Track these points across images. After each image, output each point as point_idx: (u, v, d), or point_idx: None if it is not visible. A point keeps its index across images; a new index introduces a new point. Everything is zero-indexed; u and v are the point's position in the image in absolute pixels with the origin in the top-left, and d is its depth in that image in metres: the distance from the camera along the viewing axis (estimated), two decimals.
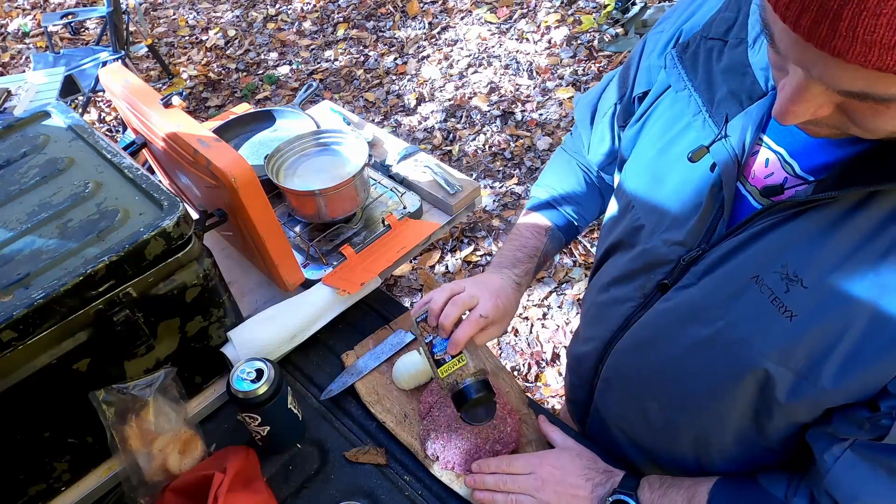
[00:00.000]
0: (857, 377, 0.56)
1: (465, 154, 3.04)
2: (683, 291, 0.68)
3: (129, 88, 1.03)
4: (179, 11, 4.61)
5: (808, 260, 0.57)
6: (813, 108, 0.48)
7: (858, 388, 0.57)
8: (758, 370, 0.62)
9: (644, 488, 0.78)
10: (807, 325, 0.57)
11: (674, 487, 0.76)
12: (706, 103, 0.67)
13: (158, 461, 0.87)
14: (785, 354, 0.59)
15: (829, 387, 0.58)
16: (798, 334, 0.58)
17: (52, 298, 0.73)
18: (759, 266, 0.60)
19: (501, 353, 2.22)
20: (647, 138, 0.77)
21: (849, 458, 0.60)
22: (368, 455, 0.94)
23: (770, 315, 0.59)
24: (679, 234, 0.69)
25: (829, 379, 0.57)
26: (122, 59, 3.15)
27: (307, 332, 1.06)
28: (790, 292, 0.58)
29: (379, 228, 1.20)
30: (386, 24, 4.10)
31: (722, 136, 0.64)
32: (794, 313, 0.58)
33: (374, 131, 1.43)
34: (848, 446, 0.60)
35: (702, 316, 0.66)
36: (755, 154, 0.64)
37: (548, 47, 3.58)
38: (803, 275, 0.57)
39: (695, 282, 0.67)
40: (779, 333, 0.59)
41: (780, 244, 0.59)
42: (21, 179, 0.90)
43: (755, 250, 0.61)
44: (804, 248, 0.57)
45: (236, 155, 0.90)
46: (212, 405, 1.01)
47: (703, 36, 0.69)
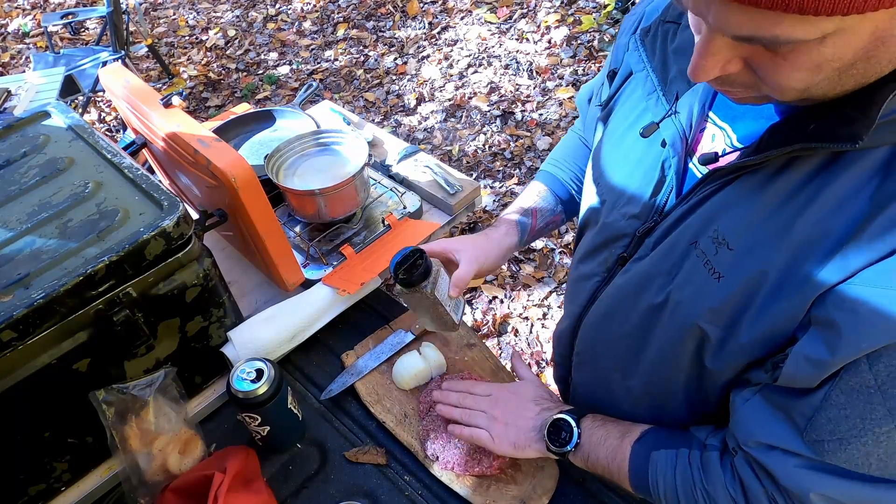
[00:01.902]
0: (767, 328, 0.59)
1: (465, 154, 3.04)
2: (638, 263, 0.73)
3: (129, 88, 1.03)
4: (179, 11, 4.61)
5: (735, 223, 0.60)
6: (720, 62, 0.50)
7: (769, 338, 0.59)
8: (694, 330, 0.65)
9: (587, 418, 0.83)
10: (731, 285, 0.60)
11: (613, 423, 0.81)
12: (661, 82, 0.71)
13: (158, 461, 0.87)
14: (715, 314, 0.63)
15: (744, 341, 0.61)
16: (724, 294, 0.61)
17: (52, 298, 0.73)
18: (697, 232, 0.64)
19: (501, 353, 2.22)
20: (615, 119, 0.82)
21: (756, 401, 0.63)
22: (368, 455, 0.94)
23: (703, 277, 0.63)
24: (635, 207, 0.74)
25: (744, 332, 0.61)
26: (122, 59, 3.15)
27: (307, 332, 1.06)
28: (718, 255, 0.61)
29: (379, 228, 1.20)
30: (386, 24, 4.10)
31: (672, 112, 0.68)
32: (721, 274, 0.61)
33: (374, 131, 1.43)
34: (757, 390, 0.63)
35: (652, 284, 0.70)
36: (703, 130, 0.68)
37: (548, 47, 3.58)
38: (729, 238, 0.61)
39: (648, 253, 0.71)
40: (709, 294, 0.62)
41: (714, 210, 0.63)
42: (21, 179, 0.90)
43: (694, 218, 0.65)
44: (733, 212, 0.61)
45: (236, 155, 0.90)
46: (212, 405, 1.01)
47: (661, 19, 0.73)
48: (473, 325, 2.30)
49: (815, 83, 0.48)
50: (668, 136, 0.68)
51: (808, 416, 0.58)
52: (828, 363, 0.54)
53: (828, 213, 0.54)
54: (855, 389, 0.54)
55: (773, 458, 0.62)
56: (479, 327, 2.28)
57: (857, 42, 0.44)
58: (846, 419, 0.55)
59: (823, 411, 0.56)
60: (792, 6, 0.40)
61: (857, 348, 0.52)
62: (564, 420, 0.82)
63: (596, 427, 0.81)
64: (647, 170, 0.72)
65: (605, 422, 0.81)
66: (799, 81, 0.48)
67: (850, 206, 0.53)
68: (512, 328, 2.29)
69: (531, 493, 0.88)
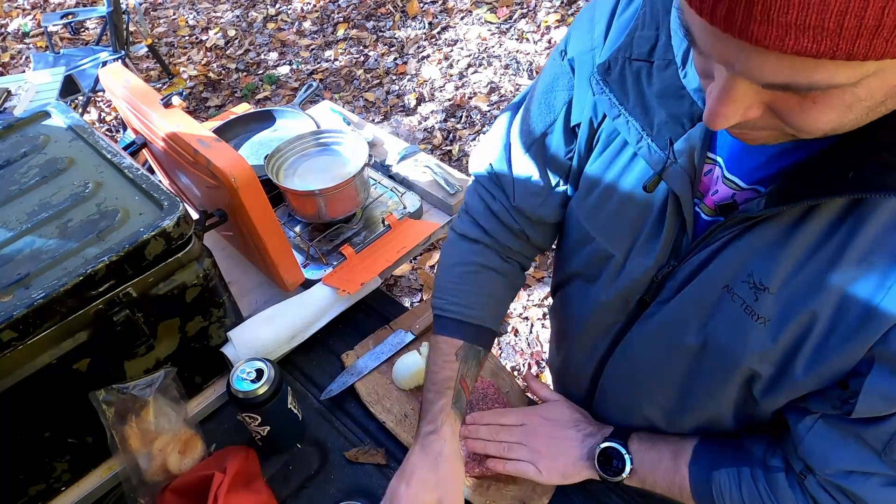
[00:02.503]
0: (824, 366, 0.59)
1: (465, 154, 3.04)
2: (664, 305, 0.71)
3: (129, 88, 1.03)
4: (179, 11, 4.61)
5: (770, 268, 0.60)
6: (742, 108, 0.47)
7: (826, 375, 0.60)
8: (742, 370, 0.65)
9: (633, 440, 0.81)
10: (779, 328, 0.60)
11: (661, 441, 0.80)
12: (646, 128, 0.65)
13: (158, 461, 0.87)
14: (764, 356, 0.63)
15: (801, 378, 0.61)
16: (773, 337, 0.61)
17: (52, 298, 0.73)
18: (728, 277, 0.63)
19: (501, 353, 2.22)
20: (595, 170, 0.75)
21: (820, 427, 0.64)
22: (368, 455, 0.94)
23: (746, 323, 0.62)
24: (650, 257, 0.71)
25: (800, 371, 0.61)
26: (122, 59, 3.15)
27: (307, 332, 1.06)
28: (759, 301, 0.61)
29: (379, 228, 1.20)
30: (386, 24, 4.10)
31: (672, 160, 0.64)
32: (766, 319, 0.61)
33: (374, 131, 1.43)
34: (818, 417, 0.64)
35: (687, 327, 0.69)
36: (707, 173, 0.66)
37: (548, 47, 3.58)
38: (769, 283, 0.60)
39: (672, 295, 0.70)
40: (756, 339, 0.62)
41: (743, 255, 0.62)
42: (21, 179, 0.90)
43: (721, 262, 0.64)
44: (765, 257, 0.60)
45: (236, 155, 0.90)
46: (212, 405, 1.01)
47: (625, 57, 0.66)
48: None
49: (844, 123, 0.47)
50: (676, 186, 0.65)
51: (884, 440, 0.59)
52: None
53: (869, 255, 0.54)
54: None
55: (855, 481, 0.63)
56: None
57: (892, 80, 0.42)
58: None
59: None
60: (840, 52, 0.37)
61: None
62: (613, 448, 0.81)
63: (645, 449, 0.80)
64: (654, 219, 0.69)
65: (653, 442, 0.80)
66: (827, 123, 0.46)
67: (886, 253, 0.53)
68: (512, 328, 2.29)
69: (531, 493, 0.88)
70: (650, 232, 0.70)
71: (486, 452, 0.88)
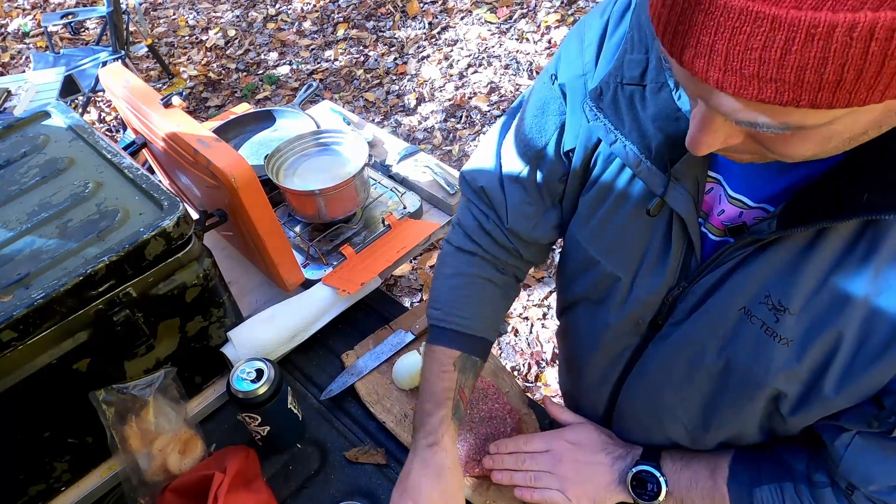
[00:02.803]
0: (855, 384, 0.58)
1: (465, 154, 3.04)
2: (678, 327, 0.70)
3: (129, 88, 1.03)
4: (179, 11, 4.61)
5: (789, 288, 0.59)
6: (722, 137, 0.48)
7: (858, 392, 0.59)
8: (768, 390, 0.64)
9: (666, 459, 0.79)
10: (803, 349, 0.59)
11: (695, 459, 0.77)
12: (643, 151, 0.65)
13: (158, 461, 0.87)
14: (790, 377, 0.62)
15: (831, 396, 0.60)
16: (797, 359, 0.60)
17: (52, 298, 0.73)
18: (744, 298, 0.62)
19: (501, 353, 2.22)
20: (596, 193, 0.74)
21: (858, 444, 0.62)
22: (368, 455, 0.94)
23: (767, 344, 0.61)
24: (659, 279, 0.70)
25: (831, 389, 0.60)
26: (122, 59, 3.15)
27: (307, 332, 1.06)
28: (780, 322, 0.60)
29: (379, 228, 1.20)
30: (386, 24, 4.10)
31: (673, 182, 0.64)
32: (789, 340, 0.60)
33: (374, 131, 1.43)
34: (855, 433, 0.63)
35: (705, 349, 0.68)
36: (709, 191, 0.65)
37: (548, 47, 3.58)
38: (788, 303, 0.59)
39: (686, 317, 0.69)
40: (780, 360, 0.61)
41: (758, 276, 0.61)
42: (21, 179, 0.90)
43: (735, 284, 0.63)
44: (782, 278, 0.59)
45: (236, 155, 0.90)
46: (212, 405, 1.01)
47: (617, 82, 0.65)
48: None
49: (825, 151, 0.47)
50: (680, 208, 0.64)
51: None
52: None
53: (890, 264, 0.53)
54: None
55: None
56: None
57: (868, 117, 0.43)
58: None
59: None
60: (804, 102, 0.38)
61: None
62: (647, 472, 0.78)
63: (679, 469, 0.77)
64: (660, 241, 0.69)
65: (686, 461, 0.78)
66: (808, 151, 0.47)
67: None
68: (512, 328, 2.29)
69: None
70: (657, 254, 0.70)
71: (513, 483, 0.85)
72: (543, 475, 0.84)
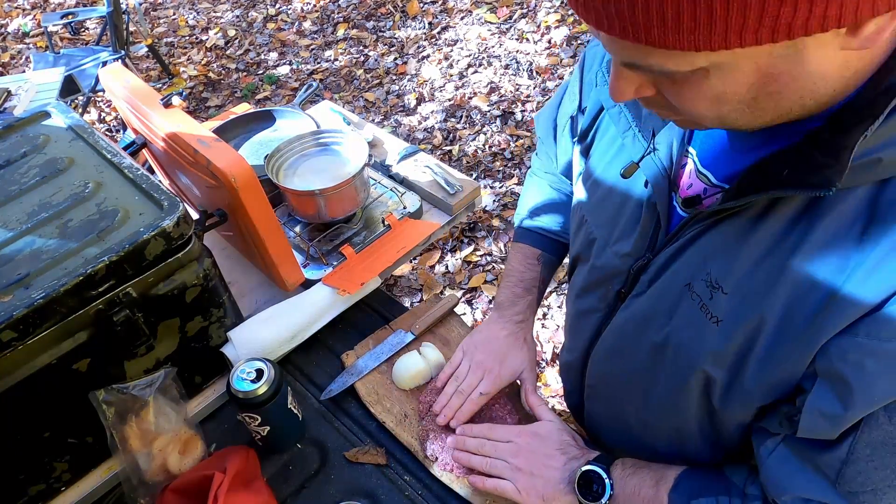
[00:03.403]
0: (772, 375, 0.58)
1: (465, 154, 3.04)
2: (637, 300, 0.72)
3: (129, 88, 1.03)
4: (179, 11, 4.61)
5: (726, 267, 0.60)
6: (633, 84, 0.51)
7: (776, 385, 0.59)
8: (699, 372, 0.65)
9: (617, 466, 0.79)
10: (730, 330, 0.60)
11: (644, 469, 0.78)
12: (635, 119, 0.69)
13: (158, 461, 0.87)
14: (717, 357, 0.62)
15: (751, 387, 0.60)
16: (725, 339, 0.60)
17: (52, 298, 0.73)
18: (690, 274, 0.63)
19: None
20: (595, 154, 0.80)
21: (781, 452, 0.62)
22: (368, 455, 0.94)
23: (701, 321, 0.62)
24: (626, 245, 0.73)
25: (751, 379, 0.60)
26: (122, 59, 3.15)
27: (307, 332, 1.06)
28: (714, 299, 0.61)
29: (379, 228, 1.20)
30: (386, 24, 4.10)
31: (650, 150, 0.67)
32: (718, 319, 0.61)
33: (374, 131, 1.43)
34: (780, 440, 0.62)
35: (653, 323, 0.69)
36: (684, 166, 0.67)
37: (548, 47, 3.58)
38: (723, 282, 0.60)
39: (645, 290, 0.70)
40: (710, 339, 0.62)
41: (704, 252, 0.62)
42: (21, 179, 0.90)
43: (685, 259, 0.64)
44: (723, 255, 0.60)
45: (236, 155, 0.90)
46: (212, 405, 1.01)
47: None
48: (473, 324, 2.30)
49: (724, 114, 0.49)
50: (650, 176, 0.68)
51: (836, 468, 0.57)
52: (844, 417, 0.54)
53: (817, 257, 0.53)
54: (879, 443, 0.54)
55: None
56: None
57: (744, 78, 0.45)
58: (876, 471, 0.55)
59: (852, 465, 0.56)
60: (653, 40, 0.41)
61: (870, 403, 0.52)
62: (594, 471, 0.78)
63: (627, 475, 0.78)
64: (633, 208, 0.72)
65: (636, 468, 0.78)
66: (705, 110, 0.49)
67: (837, 249, 0.52)
68: None
69: None
70: (628, 221, 0.73)
71: (470, 465, 0.87)
72: (499, 464, 0.85)
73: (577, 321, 0.86)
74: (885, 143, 0.47)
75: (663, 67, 0.45)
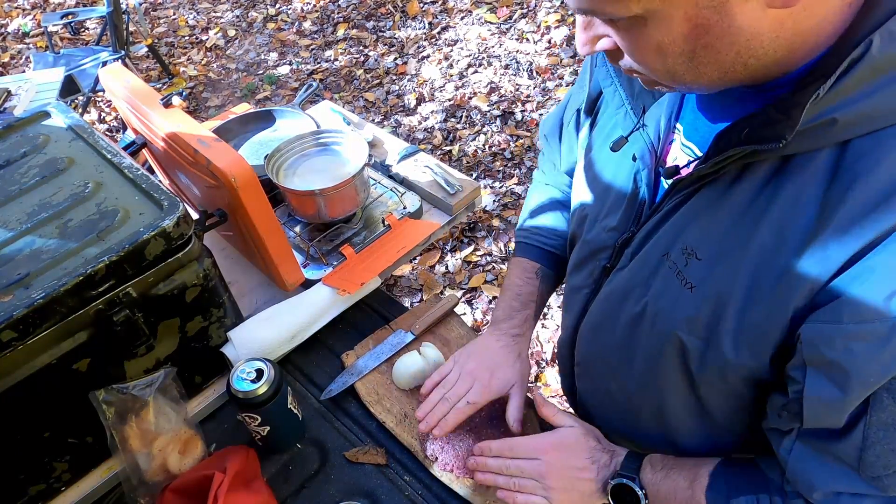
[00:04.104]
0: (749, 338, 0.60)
1: (465, 154, 3.04)
2: (619, 273, 0.74)
3: (129, 88, 1.03)
4: (179, 11, 4.61)
5: (701, 234, 0.62)
6: (591, 36, 0.56)
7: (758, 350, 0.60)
8: (674, 340, 0.66)
9: (646, 469, 0.77)
10: (703, 294, 0.62)
11: (676, 469, 0.76)
12: (628, 96, 0.72)
13: (158, 461, 0.87)
14: (692, 324, 0.64)
15: (729, 356, 0.62)
16: (697, 304, 0.62)
17: (52, 298, 0.73)
18: (668, 244, 0.65)
19: None
20: (596, 137, 0.82)
21: (799, 449, 0.62)
22: (368, 455, 0.94)
23: (676, 288, 0.64)
24: (613, 220, 0.75)
25: (728, 347, 0.61)
26: (122, 59, 3.15)
27: (307, 332, 1.06)
28: (688, 265, 0.63)
29: (379, 228, 1.20)
30: (386, 24, 4.10)
31: (640, 126, 0.70)
32: (692, 285, 0.63)
33: (374, 131, 1.43)
34: (795, 437, 0.62)
35: (632, 294, 0.71)
36: (671, 142, 0.69)
37: (548, 47, 3.58)
38: (698, 249, 0.62)
39: (627, 263, 0.72)
40: (684, 305, 0.64)
41: (682, 221, 0.64)
42: (21, 179, 0.90)
43: (665, 229, 0.66)
44: (698, 223, 0.62)
45: (236, 155, 0.90)
46: (212, 405, 1.01)
47: None
48: (473, 324, 2.30)
49: (670, 66, 0.52)
50: (637, 150, 0.70)
51: (855, 455, 0.58)
52: (845, 401, 0.55)
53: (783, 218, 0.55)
54: (889, 424, 0.55)
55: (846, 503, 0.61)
56: (479, 327, 2.28)
57: (678, 27, 0.48)
58: (893, 452, 0.56)
59: (869, 449, 0.57)
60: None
61: (867, 384, 0.53)
62: (625, 485, 0.77)
63: (660, 479, 0.76)
64: (622, 183, 0.74)
65: (667, 470, 0.76)
66: (651, 62, 0.53)
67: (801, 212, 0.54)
68: None
69: None
70: (616, 196, 0.75)
71: (496, 485, 0.84)
72: (528, 482, 0.82)
73: (570, 298, 0.87)
74: (841, 104, 0.49)
75: (605, 11, 0.50)
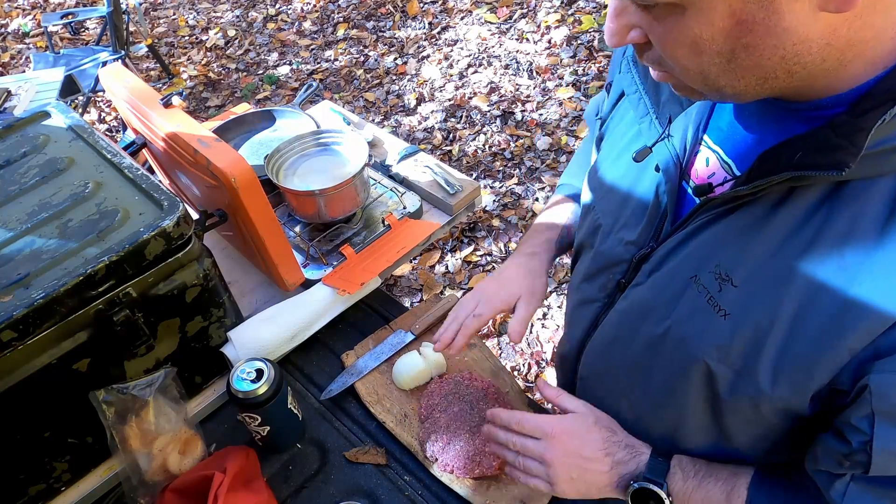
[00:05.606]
0: (788, 375, 0.56)
1: (465, 154, 3.04)
2: (636, 290, 0.70)
3: (129, 88, 1.03)
4: (179, 11, 4.61)
5: (737, 259, 0.58)
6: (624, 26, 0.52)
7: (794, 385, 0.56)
8: (700, 366, 0.62)
9: (676, 475, 0.70)
10: (739, 323, 0.58)
11: (710, 478, 0.69)
12: (654, 105, 0.69)
13: (158, 461, 0.87)
14: (723, 352, 0.60)
15: (765, 388, 0.58)
16: (732, 333, 0.58)
17: (52, 298, 0.73)
18: (696, 265, 0.62)
19: (501, 353, 2.22)
20: (609, 141, 0.80)
21: (854, 491, 0.59)
22: (368, 455, 0.94)
23: (707, 314, 0.60)
24: (632, 233, 0.71)
25: (765, 379, 0.57)
26: (122, 59, 3.15)
27: (307, 332, 1.06)
28: (723, 292, 0.59)
29: (379, 228, 1.20)
30: (386, 24, 4.10)
31: (665, 136, 0.66)
32: (727, 312, 0.58)
33: (374, 131, 1.43)
34: (849, 480, 0.59)
35: (652, 315, 0.67)
36: (697, 154, 0.66)
37: (548, 47, 3.58)
38: (733, 274, 0.58)
39: (645, 280, 0.68)
40: (715, 332, 0.60)
41: (713, 243, 0.60)
42: (21, 179, 0.90)
43: (692, 248, 0.62)
44: (733, 246, 0.58)
45: (236, 155, 0.90)
46: (212, 405, 1.01)
47: None
48: None
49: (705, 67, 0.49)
50: (662, 161, 0.66)
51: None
52: None
53: (833, 252, 0.50)
54: None
55: None
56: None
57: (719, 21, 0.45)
58: None
59: None
60: None
61: None
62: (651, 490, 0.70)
63: (691, 490, 0.69)
64: (643, 194, 0.70)
65: (699, 479, 0.69)
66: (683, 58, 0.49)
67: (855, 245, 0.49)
68: None
69: (531, 493, 0.88)
70: (636, 208, 0.71)
71: (504, 457, 0.81)
72: (533, 464, 0.76)
73: (577, 311, 0.83)
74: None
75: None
